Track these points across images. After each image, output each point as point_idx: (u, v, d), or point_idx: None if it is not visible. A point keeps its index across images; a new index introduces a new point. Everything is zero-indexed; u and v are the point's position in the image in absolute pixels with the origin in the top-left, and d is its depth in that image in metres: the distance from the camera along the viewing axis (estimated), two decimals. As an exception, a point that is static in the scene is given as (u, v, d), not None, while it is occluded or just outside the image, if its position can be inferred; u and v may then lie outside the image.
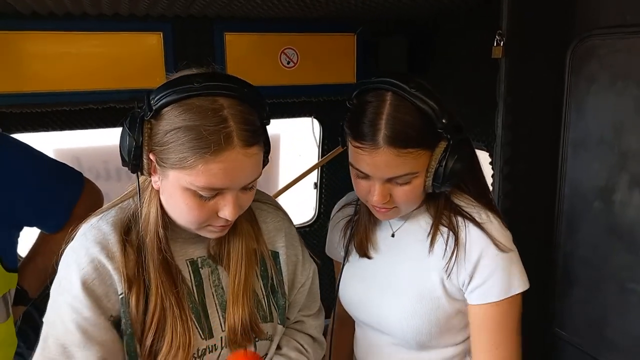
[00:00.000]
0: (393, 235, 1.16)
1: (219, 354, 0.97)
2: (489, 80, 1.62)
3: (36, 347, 0.95)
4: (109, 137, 2.13)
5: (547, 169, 1.67)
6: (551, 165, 1.68)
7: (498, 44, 1.50)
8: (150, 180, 0.91)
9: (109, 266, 0.89)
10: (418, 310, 1.08)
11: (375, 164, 0.97)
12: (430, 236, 1.08)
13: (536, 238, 1.67)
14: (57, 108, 1.87)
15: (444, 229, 1.08)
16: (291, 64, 2.13)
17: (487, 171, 1.70)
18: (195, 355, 0.93)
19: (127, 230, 0.93)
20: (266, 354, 1.04)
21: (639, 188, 1.44)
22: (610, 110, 1.51)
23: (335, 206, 1.33)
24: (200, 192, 0.84)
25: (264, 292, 1.02)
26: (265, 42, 2.08)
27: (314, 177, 2.52)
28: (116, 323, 0.90)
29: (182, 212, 0.88)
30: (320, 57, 2.18)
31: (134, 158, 0.86)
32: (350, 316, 1.26)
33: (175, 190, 0.85)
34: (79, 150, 2.17)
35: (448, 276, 1.06)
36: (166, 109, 0.83)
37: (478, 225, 1.05)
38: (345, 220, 1.25)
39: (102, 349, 0.87)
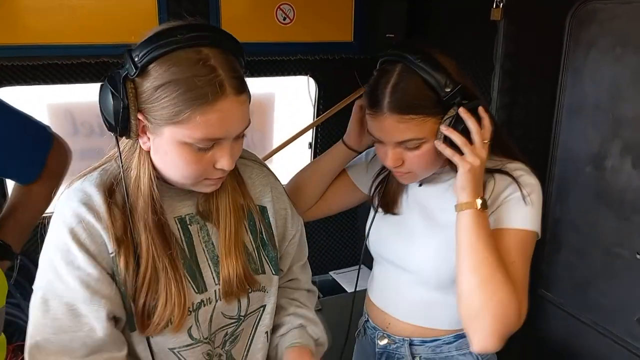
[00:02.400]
0: (420, 185, 1.22)
1: (214, 307, 0.98)
2: (486, 42, 1.61)
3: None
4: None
5: (541, 133, 1.68)
6: (545, 130, 1.68)
7: (497, 6, 1.49)
8: (136, 143, 0.90)
9: (98, 226, 0.88)
10: (444, 253, 1.14)
11: (382, 128, 1.06)
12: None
13: (527, 202, 1.69)
14: (49, 61, 1.84)
15: None
16: (287, 20, 2.09)
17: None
18: (191, 309, 0.94)
19: (111, 192, 0.91)
20: (264, 306, 1.07)
21: (630, 155, 1.45)
22: (607, 76, 1.50)
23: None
24: (197, 145, 0.84)
25: (254, 245, 1.03)
26: (262, -4, 2.04)
27: (308, 137, 2.52)
28: (114, 280, 0.91)
29: (178, 167, 0.87)
30: (317, 13, 2.13)
31: (122, 120, 0.83)
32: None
33: (171, 146, 0.84)
34: (73, 105, 2.13)
35: None
36: (152, 65, 0.81)
37: (507, 174, 1.12)
38: (377, 170, 1.32)
39: (108, 302, 0.88)
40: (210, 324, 0.99)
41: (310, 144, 2.55)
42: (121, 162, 0.91)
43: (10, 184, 2.03)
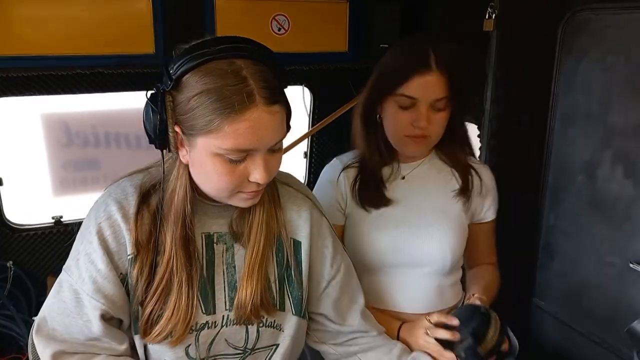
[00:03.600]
0: (404, 178, 1.29)
1: (218, 332, 0.96)
2: (479, 53, 1.62)
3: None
4: (97, 102, 2.11)
5: (535, 142, 1.69)
6: (538, 139, 1.69)
7: (490, 17, 1.50)
8: (177, 157, 0.90)
9: (123, 225, 0.91)
10: (453, 237, 1.26)
11: (426, 85, 1.17)
12: (452, 178, 1.29)
13: (520, 210, 1.70)
14: (44, 72, 1.84)
15: (456, 172, 1.30)
16: (282, 31, 2.11)
17: (475, 144, 1.72)
18: (193, 329, 0.93)
19: (147, 196, 0.94)
20: (276, 345, 1.01)
21: (622, 163, 1.46)
22: (598, 85, 1.52)
23: (329, 169, 1.35)
24: (229, 156, 0.84)
25: (276, 277, 0.99)
26: (256, 7, 2.05)
27: (304, 146, 2.53)
28: (124, 282, 0.93)
29: (213, 180, 0.87)
30: (311, 24, 2.15)
31: (159, 133, 0.85)
32: None
33: (205, 158, 0.85)
34: (67, 115, 2.14)
35: (467, 207, 1.29)
36: (186, 76, 0.83)
37: (480, 165, 1.32)
38: (351, 181, 1.31)
39: (107, 303, 0.90)
40: (210, 347, 0.97)
41: (305, 153, 2.56)
42: (163, 172, 0.92)
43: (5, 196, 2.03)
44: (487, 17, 1.51)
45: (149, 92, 0.87)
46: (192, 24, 1.94)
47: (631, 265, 1.46)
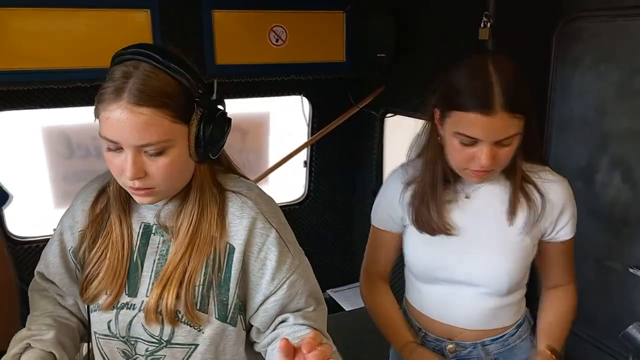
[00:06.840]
0: (467, 197, 1.22)
1: (135, 315, 0.99)
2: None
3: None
4: (97, 115, 2.12)
5: (532, 149, 1.70)
6: (535, 146, 1.70)
7: (485, 26, 1.52)
8: None
9: (80, 206, 1.07)
10: (511, 261, 1.19)
11: (491, 127, 1.05)
12: (511, 199, 1.19)
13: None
14: (44, 86, 1.86)
15: (521, 192, 1.19)
16: (280, 42, 2.13)
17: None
18: (115, 306, 1.01)
19: (110, 183, 1.04)
20: (195, 345, 1.00)
21: (618, 169, 1.47)
22: (593, 92, 1.53)
23: (394, 182, 1.30)
24: (104, 143, 0.90)
25: (204, 279, 0.98)
26: (254, 19, 2.07)
27: (303, 155, 2.54)
28: (75, 254, 1.06)
29: (106, 160, 0.95)
30: (309, 35, 2.17)
31: None
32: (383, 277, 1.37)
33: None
34: (69, 128, 2.15)
35: (533, 227, 1.19)
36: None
37: (551, 183, 1.20)
38: (410, 196, 1.27)
39: (43, 264, 1.10)
40: (129, 327, 1.01)
41: (305, 162, 2.57)
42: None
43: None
44: (482, 26, 1.53)
45: None
46: (191, 36, 1.96)
47: (631, 269, 1.46)
